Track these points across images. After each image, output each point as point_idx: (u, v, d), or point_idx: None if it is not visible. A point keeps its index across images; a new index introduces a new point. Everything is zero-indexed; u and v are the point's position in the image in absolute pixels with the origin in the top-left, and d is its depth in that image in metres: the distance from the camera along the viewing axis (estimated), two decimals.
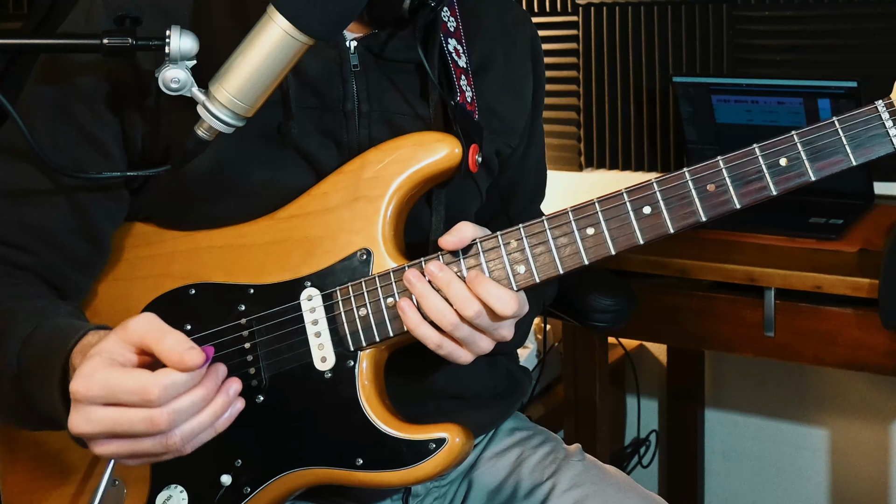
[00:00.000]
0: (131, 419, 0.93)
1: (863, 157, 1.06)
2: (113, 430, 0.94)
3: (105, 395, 0.93)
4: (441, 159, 1.15)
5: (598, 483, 1.32)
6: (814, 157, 1.06)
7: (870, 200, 2.11)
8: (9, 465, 1.26)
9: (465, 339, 1.10)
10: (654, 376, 2.75)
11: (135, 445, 0.95)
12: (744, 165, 1.08)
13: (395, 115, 1.21)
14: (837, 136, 1.06)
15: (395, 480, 1.14)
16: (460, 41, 1.26)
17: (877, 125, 1.05)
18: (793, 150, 1.07)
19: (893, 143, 1.05)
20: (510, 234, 1.11)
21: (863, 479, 2.51)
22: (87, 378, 0.94)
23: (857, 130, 1.06)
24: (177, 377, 0.94)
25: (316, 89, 1.18)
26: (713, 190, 1.08)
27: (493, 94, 1.29)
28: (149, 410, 0.93)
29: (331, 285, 1.15)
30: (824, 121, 1.07)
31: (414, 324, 1.10)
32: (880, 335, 1.81)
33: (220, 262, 1.18)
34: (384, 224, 1.16)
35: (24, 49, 1.12)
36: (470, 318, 1.08)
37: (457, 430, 1.13)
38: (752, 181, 1.08)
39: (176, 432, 0.95)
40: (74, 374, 0.96)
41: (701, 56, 2.37)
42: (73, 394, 0.94)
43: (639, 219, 1.09)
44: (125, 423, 0.93)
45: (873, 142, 1.06)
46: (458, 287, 1.09)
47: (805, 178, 1.07)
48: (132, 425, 0.93)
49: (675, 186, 1.09)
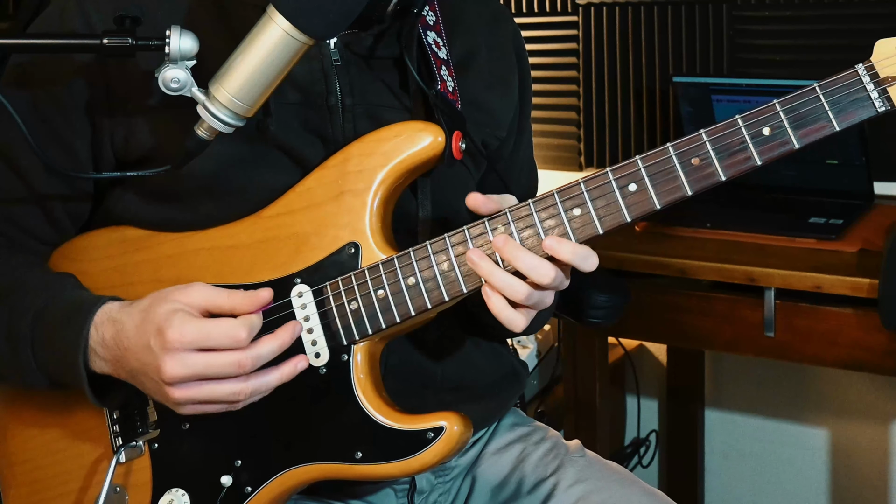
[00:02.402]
0: (222, 362, 1.07)
1: (846, 121, 1.05)
2: (204, 373, 1.07)
3: (200, 341, 1.06)
4: (424, 148, 1.15)
5: (602, 478, 1.33)
6: (797, 125, 1.06)
7: (870, 200, 2.11)
8: (10, 477, 1.26)
9: (536, 303, 1.10)
10: (654, 376, 2.75)
11: (215, 389, 1.08)
12: (727, 137, 1.07)
13: (379, 108, 1.22)
14: (819, 102, 1.05)
15: (396, 472, 1.14)
16: (440, 34, 1.26)
17: (858, 89, 1.05)
18: (775, 119, 1.06)
19: (875, 105, 1.05)
20: (497, 220, 1.11)
21: (863, 479, 2.51)
22: (179, 328, 1.06)
23: (838, 95, 1.05)
24: (255, 318, 1.09)
25: (298, 86, 1.18)
26: (697, 164, 1.08)
27: (478, 86, 1.29)
28: (237, 354, 1.07)
29: (321, 281, 1.15)
30: (805, 87, 1.06)
31: (499, 308, 1.09)
32: (880, 335, 1.81)
33: (209, 264, 1.18)
34: (371, 217, 1.16)
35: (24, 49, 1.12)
36: (547, 285, 1.08)
37: (455, 418, 1.13)
38: (736, 152, 1.07)
39: (250, 381, 1.08)
40: (161, 328, 1.06)
41: (701, 56, 2.37)
42: (169, 343, 1.05)
43: (624, 196, 1.09)
44: (216, 366, 1.07)
45: (855, 106, 1.05)
46: (529, 256, 1.08)
47: (789, 147, 1.06)
48: (222, 367, 1.07)
49: (659, 162, 1.08)
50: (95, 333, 1.12)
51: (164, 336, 1.06)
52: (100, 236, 1.24)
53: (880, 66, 1.04)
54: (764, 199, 2.15)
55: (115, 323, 1.11)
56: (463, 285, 1.12)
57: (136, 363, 1.09)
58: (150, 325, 1.07)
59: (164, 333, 1.06)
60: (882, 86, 1.04)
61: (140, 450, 1.19)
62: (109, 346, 1.11)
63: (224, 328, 1.07)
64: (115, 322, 1.11)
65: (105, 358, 1.12)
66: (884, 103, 1.04)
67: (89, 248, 1.24)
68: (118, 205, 1.23)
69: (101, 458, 1.21)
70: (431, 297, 1.12)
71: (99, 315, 1.12)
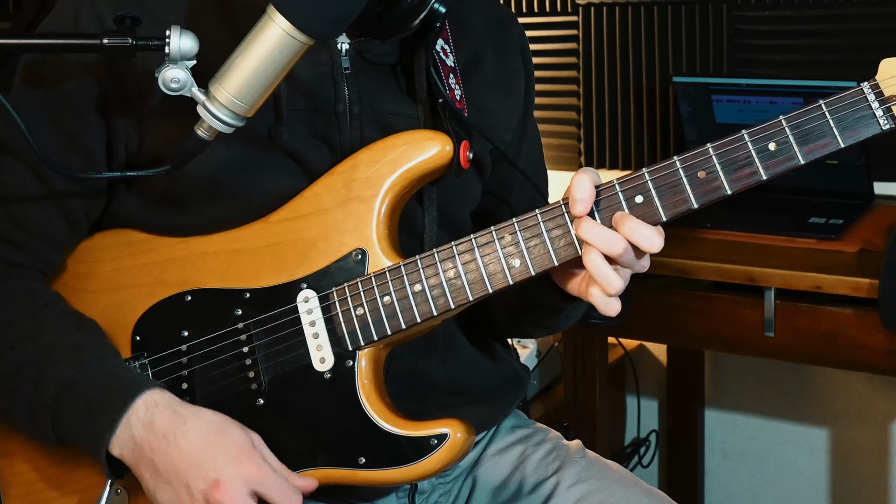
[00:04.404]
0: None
1: (850, 138, 1.06)
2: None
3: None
4: (432, 157, 1.16)
5: (602, 479, 1.33)
6: (802, 140, 1.06)
7: (870, 200, 2.11)
8: (10, 477, 1.26)
9: (629, 262, 1.09)
10: (654, 376, 2.75)
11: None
12: (733, 151, 1.08)
13: (387, 116, 1.22)
14: (825, 118, 1.06)
15: (399, 478, 1.14)
16: (447, 41, 1.26)
17: (863, 107, 1.05)
18: (781, 135, 1.07)
19: (880, 123, 1.05)
20: (504, 229, 1.12)
21: (863, 479, 2.51)
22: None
23: (843, 112, 1.06)
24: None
25: (307, 92, 1.18)
26: (704, 177, 1.08)
27: (484, 92, 1.29)
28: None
29: (327, 286, 1.15)
30: (811, 104, 1.07)
31: (596, 264, 1.07)
32: (880, 335, 1.82)
33: (214, 268, 1.18)
34: (378, 223, 1.16)
35: (24, 49, 1.12)
36: (617, 256, 1.07)
37: (458, 425, 1.13)
38: (742, 166, 1.08)
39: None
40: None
41: (701, 56, 2.37)
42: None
43: (631, 208, 1.09)
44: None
45: (860, 123, 1.06)
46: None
47: (794, 162, 1.07)
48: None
49: (665, 175, 1.09)
50: (144, 412, 1.11)
51: (245, 464, 1.09)
52: (106, 238, 1.24)
53: (885, 84, 1.05)
54: (764, 199, 2.15)
55: (177, 416, 1.11)
56: (469, 293, 1.12)
57: (181, 464, 1.09)
58: (227, 443, 1.10)
59: (244, 462, 1.09)
60: (887, 104, 1.05)
61: None
62: (157, 433, 1.10)
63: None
64: (178, 415, 1.11)
65: (139, 440, 1.11)
66: (888, 121, 1.05)
67: (95, 249, 1.24)
68: (122, 208, 1.22)
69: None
70: (437, 305, 1.12)
71: (154, 396, 1.12)
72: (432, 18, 1.18)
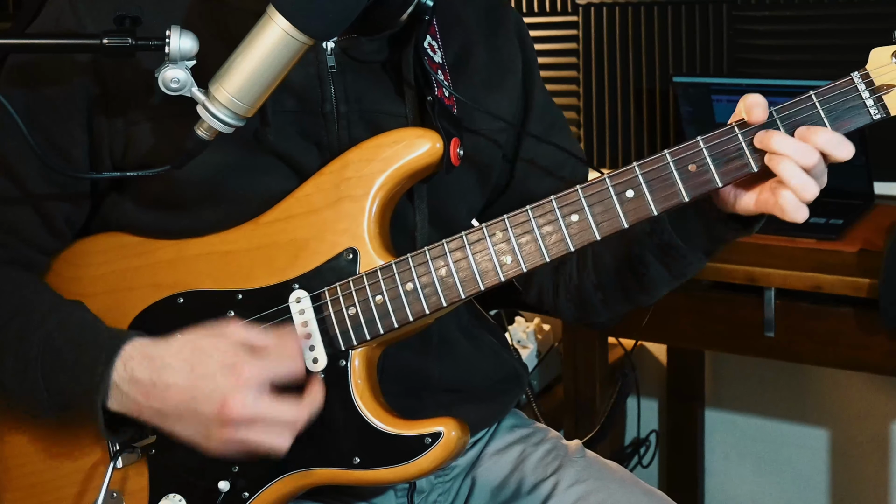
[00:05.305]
0: (284, 414, 1.09)
1: (842, 129, 1.06)
2: (265, 416, 1.08)
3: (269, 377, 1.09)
4: (422, 155, 1.15)
5: (601, 479, 1.33)
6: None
7: (870, 200, 2.11)
8: (7, 481, 1.25)
9: (819, 175, 1.08)
10: (654, 376, 2.75)
11: (264, 439, 1.08)
12: (724, 144, 1.08)
13: (375, 115, 1.21)
14: (815, 109, 1.06)
15: (394, 477, 1.14)
16: (435, 37, 1.26)
17: (853, 97, 1.06)
18: (772, 126, 1.07)
19: (871, 113, 1.06)
20: (495, 226, 1.12)
21: (863, 479, 2.51)
22: (253, 364, 1.08)
23: (834, 103, 1.06)
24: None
25: (294, 92, 1.18)
26: (694, 170, 1.08)
27: (475, 86, 1.28)
28: (295, 410, 1.10)
29: (319, 286, 1.15)
30: (801, 95, 1.07)
31: (791, 173, 1.06)
32: (880, 335, 1.82)
33: (207, 270, 1.18)
34: (369, 222, 1.16)
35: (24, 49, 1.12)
36: (811, 167, 1.06)
37: (452, 423, 1.13)
38: (733, 159, 1.08)
39: (290, 440, 1.10)
40: (235, 364, 1.07)
41: (701, 56, 2.37)
42: (245, 379, 1.06)
43: (622, 203, 1.09)
44: (278, 413, 1.08)
45: (851, 113, 1.06)
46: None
47: None
48: (282, 413, 1.09)
49: (656, 168, 1.09)
50: (123, 370, 1.10)
51: (239, 370, 1.06)
52: (97, 241, 1.24)
53: (875, 74, 1.05)
54: None
55: (153, 359, 1.09)
56: (461, 291, 1.12)
57: (182, 398, 1.08)
58: (211, 360, 1.07)
59: (238, 368, 1.06)
60: (877, 94, 1.05)
61: (137, 455, 1.19)
62: (143, 383, 1.09)
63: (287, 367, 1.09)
64: (153, 358, 1.09)
65: (132, 395, 1.10)
66: (879, 111, 1.05)
67: (87, 252, 1.24)
68: (114, 212, 1.23)
69: (98, 463, 1.21)
70: (429, 303, 1.13)
71: (127, 350, 1.10)
72: (420, 13, 1.17)
